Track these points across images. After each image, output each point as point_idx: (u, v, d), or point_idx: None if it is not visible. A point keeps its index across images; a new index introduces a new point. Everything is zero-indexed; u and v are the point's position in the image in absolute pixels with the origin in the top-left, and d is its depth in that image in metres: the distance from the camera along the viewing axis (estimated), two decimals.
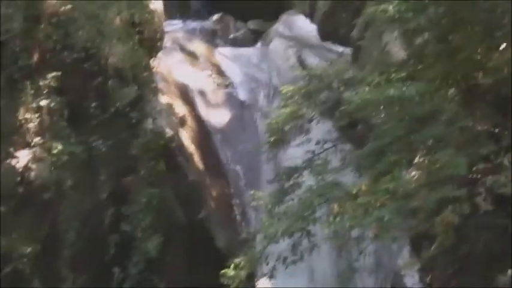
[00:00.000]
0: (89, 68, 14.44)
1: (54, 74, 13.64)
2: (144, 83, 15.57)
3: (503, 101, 11.60)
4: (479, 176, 11.29)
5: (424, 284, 13.86)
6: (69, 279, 13.78)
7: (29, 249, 13.07)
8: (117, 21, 15.27)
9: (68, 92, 13.99)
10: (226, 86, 17.64)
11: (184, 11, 21.04)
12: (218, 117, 17.17)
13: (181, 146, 16.27)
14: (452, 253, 11.70)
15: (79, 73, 14.32)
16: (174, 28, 19.02)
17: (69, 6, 14.17)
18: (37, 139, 13.38)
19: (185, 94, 17.15)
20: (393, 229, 11.57)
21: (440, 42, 11.57)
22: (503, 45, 11.33)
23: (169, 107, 16.40)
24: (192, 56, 18.17)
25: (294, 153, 13.27)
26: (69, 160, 13.71)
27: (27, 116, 13.30)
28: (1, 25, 13.14)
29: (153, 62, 16.40)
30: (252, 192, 14.37)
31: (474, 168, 11.29)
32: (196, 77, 17.64)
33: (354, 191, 11.70)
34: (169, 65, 17.49)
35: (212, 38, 19.68)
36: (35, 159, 13.23)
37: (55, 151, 13.47)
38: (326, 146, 13.05)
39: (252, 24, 20.54)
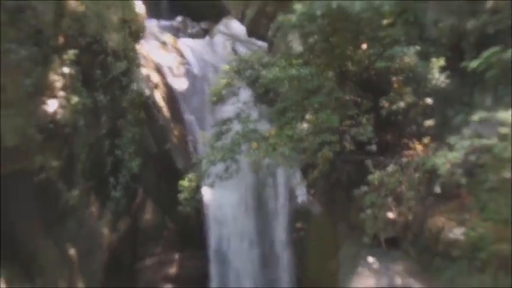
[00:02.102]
0: (95, 48, 14.23)
1: (73, 51, 13.42)
2: (131, 59, 15.41)
3: (363, 81, 11.87)
4: (346, 128, 11.56)
5: (309, 195, 14.18)
6: (81, 183, 13.82)
7: (55, 164, 13.03)
8: (115, 18, 15.07)
9: (82, 64, 13.78)
10: (185, 64, 17.55)
11: (158, 14, 20.85)
12: (179, 84, 17.12)
13: (155, 102, 16.26)
14: (327, 177, 12.01)
15: (89, 51, 14.09)
16: (151, 25, 18.77)
17: (83, 7, 13.94)
18: (61, 93, 13.17)
19: (158, 68, 17.06)
20: (290, 160, 11.87)
21: (324, 42, 11.74)
22: (365, 45, 11.57)
23: (148, 76, 16.38)
24: (163, 43, 18.02)
25: (228, 109, 13.38)
26: (82, 108, 13.59)
27: (55, 78, 13.09)
28: (39, 18, 12.79)
29: (137, 46, 16.21)
30: (200, 132, 14.58)
31: (343, 123, 11.57)
32: (165, 57, 17.51)
33: (267, 135, 11.93)
34: (148, 49, 17.33)
35: (176, 32, 19.54)
36: (60, 106, 13.07)
37: (73, 102, 13.32)
38: (249, 105, 13.21)
39: (203, 24, 20.39)
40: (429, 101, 11.43)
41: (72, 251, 13.65)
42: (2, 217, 12.60)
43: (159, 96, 16.47)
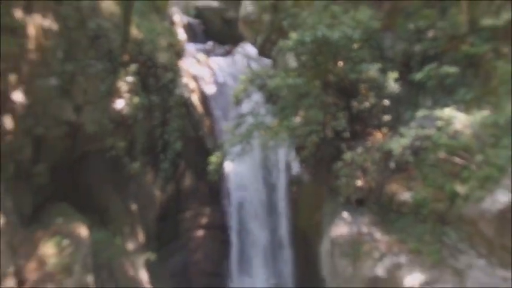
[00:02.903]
0: (150, 63, 14.10)
1: (134, 65, 13.36)
2: (175, 72, 15.24)
3: (340, 88, 11.74)
4: (328, 121, 11.50)
5: (302, 168, 14.11)
6: (140, 158, 13.75)
7: (122, 144, 12.98)
8: (163, 42, 14.94)
9: (141, 74, 13.66)
10: (214, 75, 17.43)
11: (195, 39, 20.71)
12: (210, 89, 16.90)
13: (192, 102, 16.11)
14: (314, 155, 11.92)
15: (145, 66, 13.96)
16: (190, 47, 18.60)
17: (141, 35, 13.88)
18: (126, 95, 13.12)
19: (194, 78, 16.87)
20: (288, 143, 11.86)
21: (312, 60, 11.65)
22: (341, 63, 11.48)
23: (187, 84, 16.23)
24: (198, 60, 17.85)
25: (244, 107, 13.32)
26: (141, 106, 13.51)
27: (122, 84, 13.05)
28: (110, 43, 12.75)
29: (180, 62, 16.02)
30: (225, 123, 14.51)
31: (326, 118, 11.49)
32: (200, 70, 17.30)
33: (271, 126, 11.88)
34: (187, 64, 17.16)
35: (208, 52, 19.29)
36: (125, 104, 13.04)
37: (134, 101, 13.26)
38: (259, 104, 13.14)
39: (226, 47, 20.16)
40: (386, 102, 11.39)
41: (134, 206, 13.68)
42: (85, 182, 12.69)
43: (195, 98, 16.35)
